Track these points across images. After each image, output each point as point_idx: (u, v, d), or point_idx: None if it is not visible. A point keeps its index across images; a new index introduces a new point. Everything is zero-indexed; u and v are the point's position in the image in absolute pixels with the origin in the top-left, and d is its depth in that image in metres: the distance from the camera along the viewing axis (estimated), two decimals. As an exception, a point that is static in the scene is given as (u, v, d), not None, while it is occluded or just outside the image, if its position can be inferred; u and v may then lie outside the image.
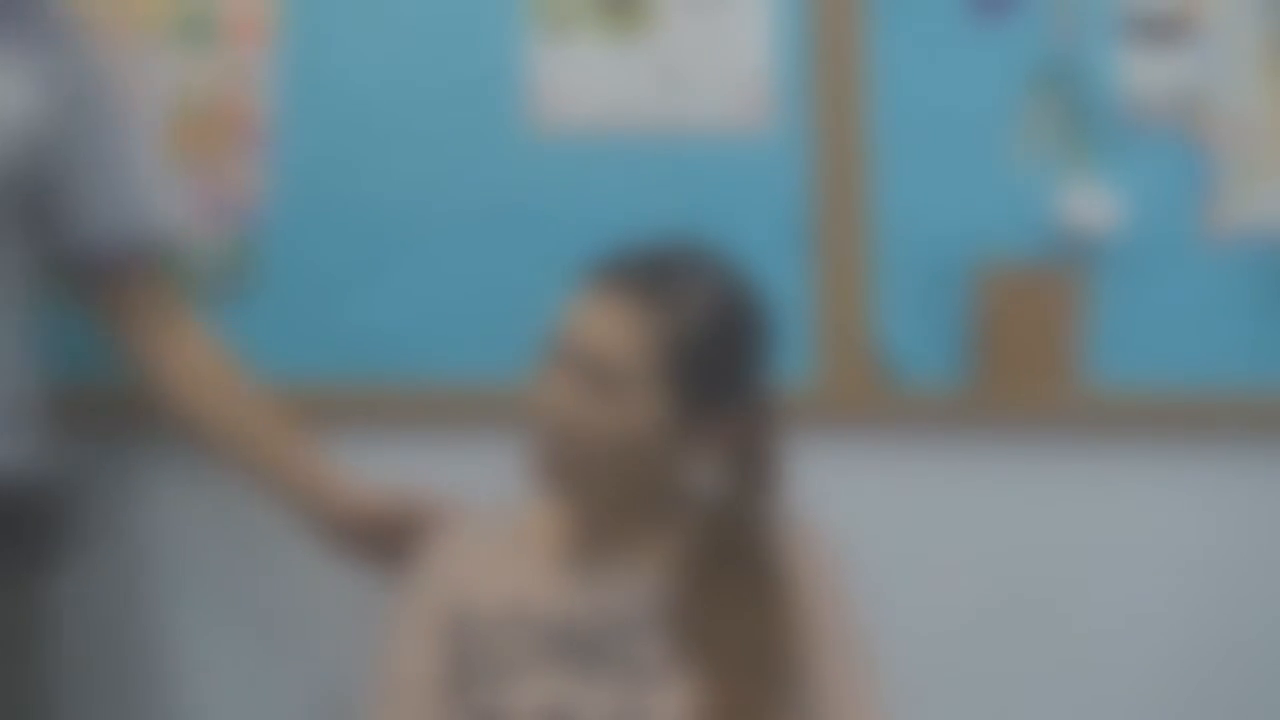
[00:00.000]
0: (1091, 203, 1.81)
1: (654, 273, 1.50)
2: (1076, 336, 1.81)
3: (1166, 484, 1.83)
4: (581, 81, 1.85)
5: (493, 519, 1.63)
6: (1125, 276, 1.82)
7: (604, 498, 1.53)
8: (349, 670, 1.76)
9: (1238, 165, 1.83)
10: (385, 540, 1.66)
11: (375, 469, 1.74)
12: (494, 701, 1.51)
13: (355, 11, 1.86)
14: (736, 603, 1.52)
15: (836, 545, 1.58)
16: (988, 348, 1.81)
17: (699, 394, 1.49)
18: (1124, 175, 1.83)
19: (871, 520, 1.75)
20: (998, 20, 1.84)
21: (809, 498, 1.60)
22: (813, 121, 1.84)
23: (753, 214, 1.83)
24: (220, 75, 1.85)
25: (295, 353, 1.82)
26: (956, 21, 1.84)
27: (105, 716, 1.88)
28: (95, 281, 1.69)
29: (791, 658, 1.52)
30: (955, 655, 1.82)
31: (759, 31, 1.85)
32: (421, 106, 1.86)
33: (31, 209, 1.62)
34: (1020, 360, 1.80)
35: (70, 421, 1.73)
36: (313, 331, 1.84)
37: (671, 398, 1.48)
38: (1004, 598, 1.83)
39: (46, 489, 1.66)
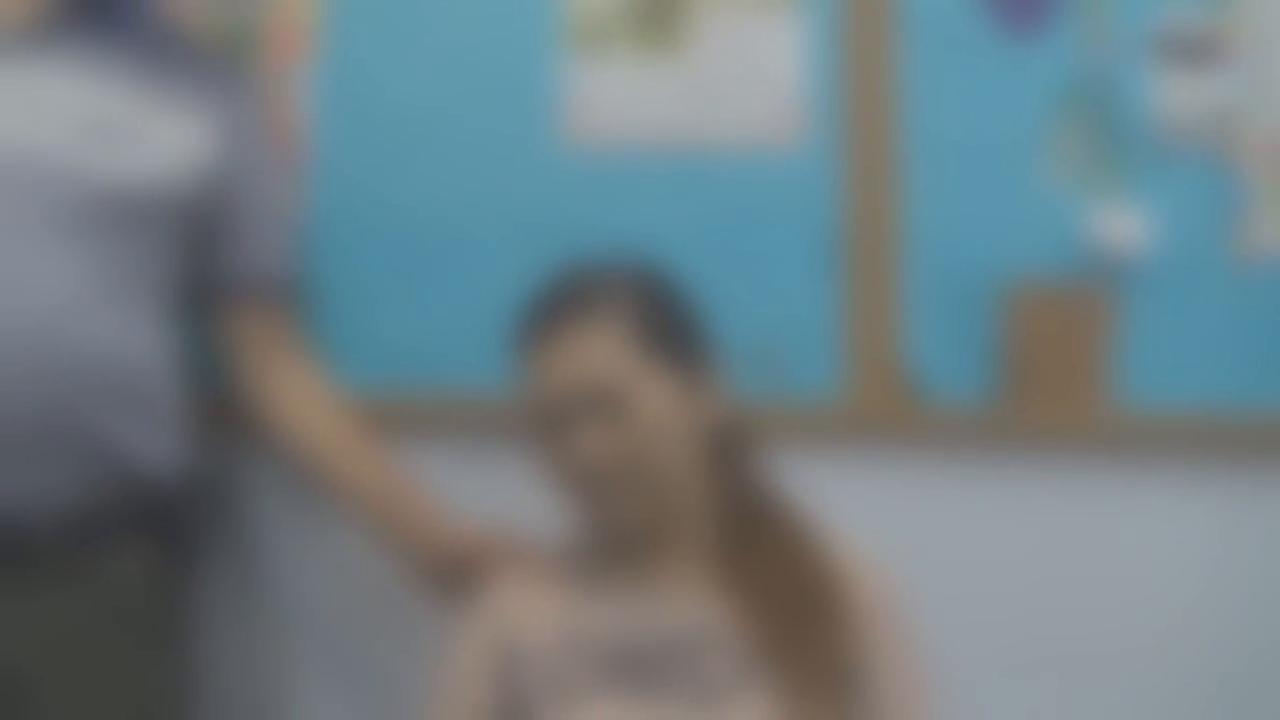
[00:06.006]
0: (1121, 224, 1.82)
1: (577, 288, 1.54)
2: (1105, 357, 1.82)
3: (1194, 505, 1.83)
4: (615, 98, 1.87)
5: (545, 554, 1.62)
6: (1154, 298, 1.82)
7: (671, 504, 1.52)
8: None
9: (1268, 188, 1.83)
10: (468, 576, 1.67)
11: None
12: None
13: (393, 27, 1.88)
14: (790, 594, 1.51)
15: (894, 576, 1.59)
16: (1016, 367, 1.81)
17: (682, 358, 1.52)
18: (1154, 197, 1.83)
19: (898, 538, 1.74)
20: (1029, 41, 1.85)
21: (836, 515, 1.61)
22: (844, 140, 1.84)
23: (783, 232, 1.84)
24: (260, 89, 1.87)
25: (330, 363, 1.83)
26: (988, 42, 1.85)
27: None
28: (225, 308, 1.76)
29: (857, 673, 1.51)
30: (980, 673, 1.82)
31: (791, 50, 1.86)
32: (457, 121, 1.88)
33: (191, 235, 1.70)
34: (1048, 380, 1.81)
35: (210, 428, 1.77)
36: (348, 342, 1.86)
37: (667, 374, 1.51)
38: (1029, 616, 1.84)
39: (190, 491, 1.71)
